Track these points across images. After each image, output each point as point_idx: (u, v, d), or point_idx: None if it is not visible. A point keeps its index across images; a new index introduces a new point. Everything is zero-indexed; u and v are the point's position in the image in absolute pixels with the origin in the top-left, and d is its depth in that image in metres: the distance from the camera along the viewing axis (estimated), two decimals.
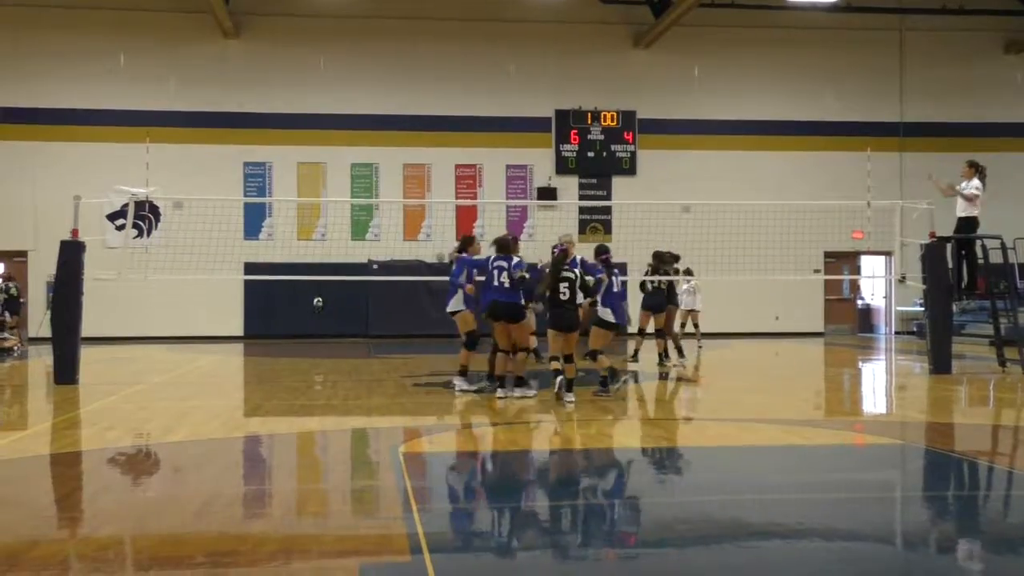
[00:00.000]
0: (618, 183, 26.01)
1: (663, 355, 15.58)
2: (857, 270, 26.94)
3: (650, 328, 15.70)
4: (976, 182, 14.29)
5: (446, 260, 21.15)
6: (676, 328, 17.35)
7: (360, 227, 25.31)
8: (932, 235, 14.72)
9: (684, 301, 20.33)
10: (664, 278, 15.73)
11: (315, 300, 23.38)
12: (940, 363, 14.02)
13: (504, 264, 11.26)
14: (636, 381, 13.47)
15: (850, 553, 5.28)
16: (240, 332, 23.40)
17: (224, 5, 23.27)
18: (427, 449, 8.66)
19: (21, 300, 21.33)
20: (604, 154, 26.15)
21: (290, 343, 22.48)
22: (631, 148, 26.20)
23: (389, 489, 6.79)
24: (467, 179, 25.88)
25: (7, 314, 20.66)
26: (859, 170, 22.63)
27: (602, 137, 26.15)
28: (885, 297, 27.30)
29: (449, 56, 25.49)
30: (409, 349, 17.60)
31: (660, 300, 15.65)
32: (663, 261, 15.69)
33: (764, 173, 25.73)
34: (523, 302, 11.45)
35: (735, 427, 9.81)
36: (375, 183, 25.58)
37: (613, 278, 11.41)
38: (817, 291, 26.31)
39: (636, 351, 16.17)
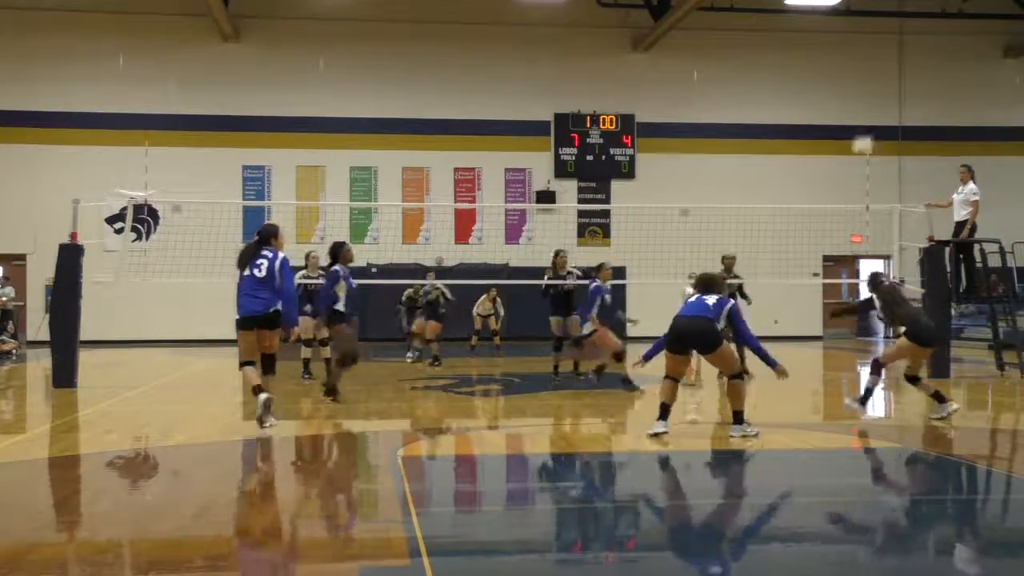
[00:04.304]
0: (617, 186, 26.02)
1: None
2: (856, 274, 26.93)
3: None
4: (972, 186, 14.32)
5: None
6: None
7: (359, 230, 25.30)
8: (930, 239, 14.74)
9: None
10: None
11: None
12: (938, 367, 14.00)
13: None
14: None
15: (847, 557, 5.29)
16: None
17: (223, 8, 23.28)
18: (426, 452, 8.66)
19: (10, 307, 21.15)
20: (603, 157, 26.17)
21: (289, 346, 22.44)
22: (630, 152, 26.22)
23: (388, 493, 6.78)
24: (466, 182, 25.89)
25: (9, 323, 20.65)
26: (858, 173, 22.67)
27: (601, 140, 26.17)
28: None
29: (448, 59, 25.50)
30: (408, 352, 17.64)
31: None
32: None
33: (763, 176, 25.74)
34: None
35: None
36: (374, 186, 25.60)
37: None
38: (816, 295, 26.31)
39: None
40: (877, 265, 26.21)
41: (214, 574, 4.93)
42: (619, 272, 14.87)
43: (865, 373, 12.82)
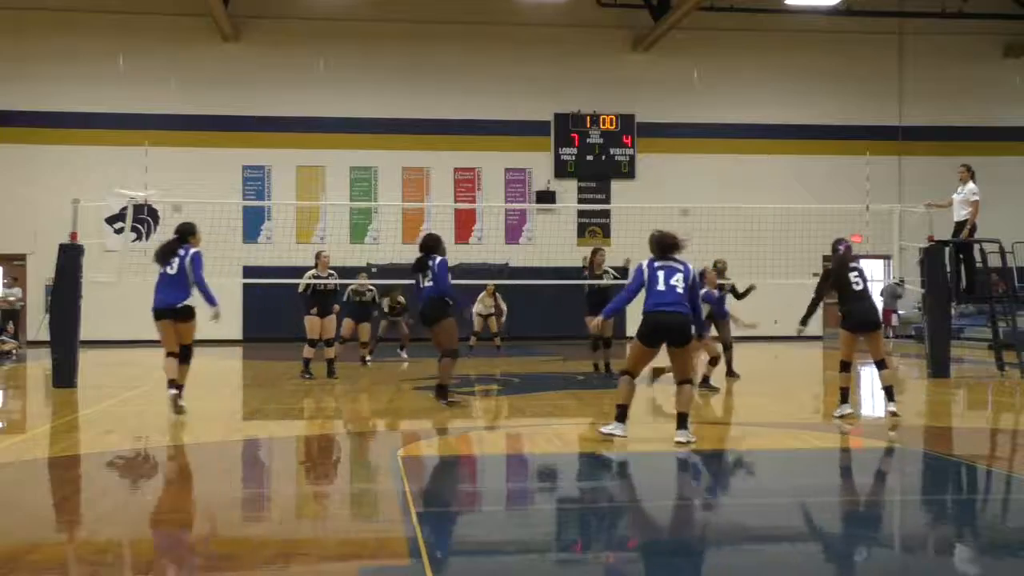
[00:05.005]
0: (617, 186, 26.02)
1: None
2: None
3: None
4: (972, 185, 14.32)
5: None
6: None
7: (359, 231, 25.31)
8: (930, 239, 14.74)
9: None
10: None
11: None
12: (938, 367, 14.02)
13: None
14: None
15: (847, 557, 5.29)
16: (239, 335, 23.36)
17: (223, 8, 23.29)
18: (426, 452, 8.66)
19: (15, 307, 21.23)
20: (603, 157, 26.17)
21: (289, 346, 22.46)
22: (630, 151, 26.22)
23: (388, 493, 6.78)
24: (466, 182, 25.90)
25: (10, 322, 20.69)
26: (858, 173, 22.64)
27: (601, 140, 26.17)
28: (881, 295, 27.23)
29: (448, 59, 25.50)
30: (408, 352, 17.64)
31: None
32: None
33: (763, 176, 25.74)
34: None
35: (734, 431, 9.82)
36: (374, 186, 25.60)
37: None
38: None
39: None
40: (877, 265, 26.25)
41: (214, 574, 4.93)
42: (619, 272, 14.86)
43: (864, 373, 12.85)
